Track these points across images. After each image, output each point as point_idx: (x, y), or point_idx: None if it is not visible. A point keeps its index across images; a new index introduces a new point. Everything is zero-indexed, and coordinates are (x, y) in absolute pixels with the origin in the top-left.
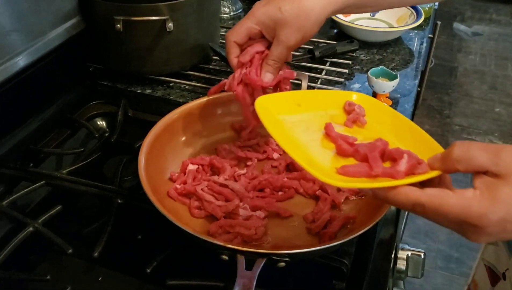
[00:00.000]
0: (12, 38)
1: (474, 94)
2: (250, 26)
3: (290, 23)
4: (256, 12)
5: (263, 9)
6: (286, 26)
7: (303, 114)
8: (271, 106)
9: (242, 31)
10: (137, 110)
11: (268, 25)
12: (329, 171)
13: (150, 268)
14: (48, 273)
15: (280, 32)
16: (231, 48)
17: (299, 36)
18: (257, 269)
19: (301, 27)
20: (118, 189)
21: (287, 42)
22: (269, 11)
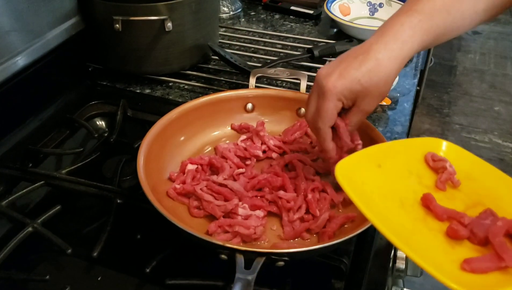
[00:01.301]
0: (11, 38)
1: (473, 92)
2: (336, 106)
3: (372, 92)
4: (334, 89)
5: (340, 85)
6: (367, 97)
7: (389, 181)
8: (353, 173)
9: (332, 114)
10: (136, 110)
11: (349, 98)
12: (450, 267)
13: (150, 268)
14: (47, 273)
15: (362, 102)
16: (328, 134)
17: (378, 101)
18: (256, 268)
19: (382, 93)
20: (117, 189)
21: (368, 110)
22: (348, 86)
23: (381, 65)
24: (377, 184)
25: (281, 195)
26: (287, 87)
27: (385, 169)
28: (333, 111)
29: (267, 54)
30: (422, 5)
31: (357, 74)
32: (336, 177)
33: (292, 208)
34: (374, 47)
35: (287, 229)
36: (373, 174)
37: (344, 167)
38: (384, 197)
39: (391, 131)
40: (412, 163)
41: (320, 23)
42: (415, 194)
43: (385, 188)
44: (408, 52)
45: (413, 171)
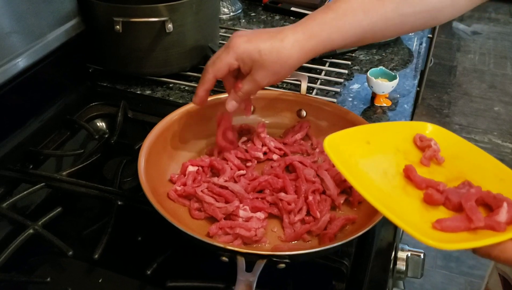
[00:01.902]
0: (11, 40)
1: (473, 93)
2: (231, 62)
3: (267, 67)
4: (237, 48)
5: (244, 46)
6: (262, 69)
7: (375, 155)
8: (341, 146)
9: (223, 66)
10: (137, 111)
11: (246, 63)
12: (423, 226)
13: (150, 270)
14: (48, 275)
15: (256, 72)
16: (208, 82)
17: (272, 79)
18: (257, 270)
19: (276, 72)
20: (118, 190)
21: (260, 83)
22: (250, 50)
23: (284, 47)
24: (364, 157)
25: (282, 197)
26: (287, 89)
27: (373, 145)
28: (224, 65)
29: None
30: (338, 4)
31: (261, 45)
32: (324, 148)
33: (293, 210)
34: (286, 31)
35: (288, 231)
36: (361, 148)
37: (333, 139)
38: (368, 167)
39: None
40: (400, 142)
41: None
42: (399, 167)
43: (371, 161)
44: (315, 46)
45: (400, 149)
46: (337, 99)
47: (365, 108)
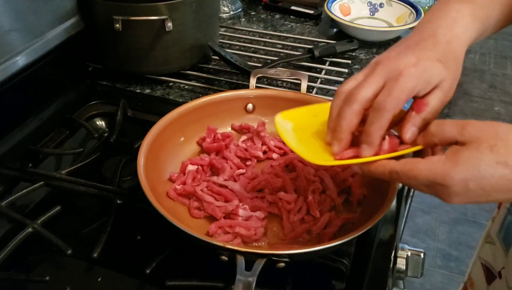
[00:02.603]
0: (11, 38)
1: (473, 93)
2: (414, 87)
3: (450, 74)
4: (413, 67)
5: (421, 63)
6: (446, 78)
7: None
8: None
9: (408, 96)
10: (137, 110)
11: (425, 81)
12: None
13: (150, 269)
14: (47, 274)
15: (442, 83)
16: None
17: (455, 84)
18: (256, 269)
19: (456, 76)
20: (117, 189)
21: (449, 93)
22: (428, 66)
23: (452, 46)
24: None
25: (281, 196)
26: (288, 88)
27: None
28: (409, 93)
29: (267, 54)
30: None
31: (433, 54)
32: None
33: (293, 209)
34: (438, 31)
35: (288, 230)
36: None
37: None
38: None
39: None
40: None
41: (321, 23)
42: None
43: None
44: (469, 38)
45: None
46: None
47: None
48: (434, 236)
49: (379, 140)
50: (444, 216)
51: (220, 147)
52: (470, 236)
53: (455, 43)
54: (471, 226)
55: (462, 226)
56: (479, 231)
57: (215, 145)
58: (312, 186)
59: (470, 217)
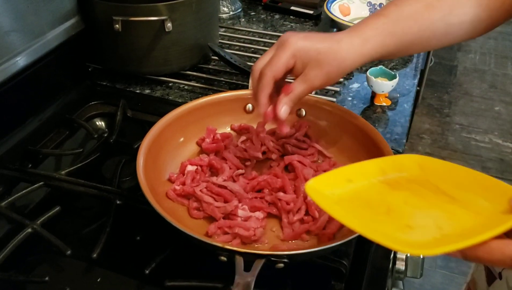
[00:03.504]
0: (11, 38)
1: (473, 92)
2: (288, 60)
3: (323, 66)
4: (294, 45)
5: (301, 43)
6: (318, 68)
7: (357, 192)
8: (323, 187)
9: (281, 65)
10: (136, 110)
11: (302, 61)
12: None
13: (149, 269)
14: (46, 274)
15: (310, 71)
16: (268, 85)
17: (324, 80)
18: (256, 270)
19: (330, 73)
20: (116, 190)
21: (313, 83)
22: (308, 47)
23: (341, 48)
24: (346, 193)
25: (280, 196)
26: None
27: (354, 182)
28: (283, 62)
29: None
30: (389, 10)
31: (318, 44)
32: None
33: (292, 210)
34: (339, 36)
35: (287, 230)
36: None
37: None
38: (351, 201)
39: (391, 132)
40: (381, 175)
41: (320, 23)
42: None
43: (353, 195)
44: (369, 50)
45: (382, 181)
46: (337, 99)
47: (364, 108)
48: None
49: (264, 98)
50: None
51: (219, 147)
52: None
53: (345, 48)
54: None
55: None
56: None
57: (215, 145)
58: None
59: None
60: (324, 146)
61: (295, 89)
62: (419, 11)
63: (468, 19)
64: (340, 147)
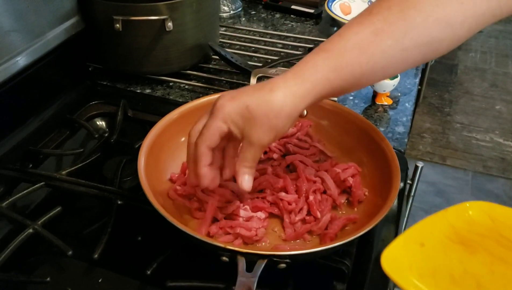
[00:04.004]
0: (11, 38)
1: (474, 91)
2: (219, 126)
3: (260, 122)
4: (222, 109)
5: (229, 105)
6: (256, 126)
7: (435, 258)
8: (398, 260)
9: (214, 133)
10: (137, 110)
11: (236, 123)
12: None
13: (150, 270)
14: (48, 275)
15: (251, 132)
16: (204, 156)
17: (271, 135)
18: (257, 270)
19: (273, 126)
20: (118, 190)
21: (260, 143)
22: (236, 108)
23: (275, 98)
24: (425, 264)
25: (282, 196)
26: None
27: (428, 246)
28: (214, 131)
29: (268, 53)
30: (332, 44)
31: (247, 99)
32: (383, 268)
33: (294, 210)
34: (274, 81)
35: (289, 230)
36: (418, 254)
37: (389, 255)
38: (433, 276)
39: (393, 132)
40: (452, 234)
41: (321, 22)
42: (463, 264)
43: (433, 266)
44: (310, 90)
45: (456, 241)
46: (338, 98)
47: (366, 107)
48: None
49: (202, 169)
50: None
51: None
52: None
53: (280, 94)
54: None
55: None
56: None
57: None
58: (313, 186)
59: None
60: (326, 146)
61: (243, 155)
62: (367, 39)
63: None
64: (341, 147)
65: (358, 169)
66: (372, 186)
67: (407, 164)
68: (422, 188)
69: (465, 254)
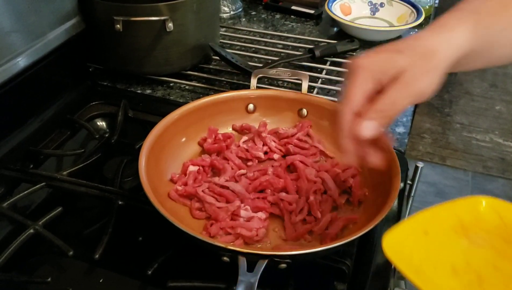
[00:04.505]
0: (11, 39)
1: (474, 92)
2: (364, 83)
3: (416, 64)
4: (363, 63)
5: (373, 57)
6: (412, 68)
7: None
8: (399, 245)
9: (356, 92)
10: (137, 110)
11: (385, 73)
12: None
13: (151, 270)
14: (49, 275)
15: (405, 75)
16: (346, 122)
17: (428, 78)
18: (258, 270)
19: (429, 69)
20: (118, 190)
21: (415, 86)
22: (384, 57)
23: (425, 41)
24: (427, 253)
25: (283, 197)
26: (289, 88)
27: (432, 235)
28: (358, 89)
29: (268, 54)
30: (473, 5)
31: (394, 46)
32: (384, 251)
33: (294, 210)
34: (415, 35)
35: (289, 231)
36: (421, 242)
37: (391, 239)
38: (434, 265)
39: (393, 132)
40: (458, 226)
41: (321, 22)
42: (465, 256)
43: (435, 256)
44: (458, 40)
45: (460, 233)
46: (339, 98)
47: None
48: None
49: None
50: None
51: (221, 147)
52: None
53: (430, 39)
54: None
55: None
56: None
57: (216, 145)
58: (313, 186)
59: None
60: (326, 146)
61: (391, 97)
62: (499, 7)
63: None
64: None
65: (358, 169)
66: (372, 187)
67: (407, 164)
68: (422, 188)
69: (469, 247)
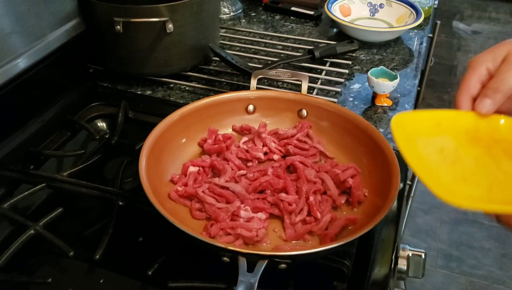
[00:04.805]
0: (12, 40)
1: None
2: (479, 72)
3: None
4: (478, 57)
5: (487, 50)
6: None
7: (440, 134)
8: (408, 126)
9: (476, 82)
10: (138, 111)
11: (499, 57)
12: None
13: (152, 270)
14: (49, 276)
15: (509, 56)
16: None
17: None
18: (258, 271)
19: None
20: (119, 191)
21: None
22: (498, 48)
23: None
24: (434, 139)
25: (282, 197)
26: (288, 89)
27: (443, 127)
28: (472, 76)
29: (268, 55)
30: None
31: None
32: (391, 128)
33: (294, 211)
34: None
35: (289, 231)
36: (431, 130)
37: (402, 119)
38: (441, 152)
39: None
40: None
41: (321, 23)
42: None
43: (441, 143)
44: None
45: (473, 139)
46: (338, 99)
47: (365, 108)
48: (435, 236)
49: None
50: (444, 216)
51: (221, 148)
52: (471, 236)
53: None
54: (472, 226)
55: (463, 226)
56: (480, 231)
57: (216, 146)
58: (313, 187)
59: (470, 217)
60: (326, 147)
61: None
62: None
63: None
64: (341, 148)
65: (358, 170)
66: (372, 187)
67: (407, 165)
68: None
69: (465, 143)
